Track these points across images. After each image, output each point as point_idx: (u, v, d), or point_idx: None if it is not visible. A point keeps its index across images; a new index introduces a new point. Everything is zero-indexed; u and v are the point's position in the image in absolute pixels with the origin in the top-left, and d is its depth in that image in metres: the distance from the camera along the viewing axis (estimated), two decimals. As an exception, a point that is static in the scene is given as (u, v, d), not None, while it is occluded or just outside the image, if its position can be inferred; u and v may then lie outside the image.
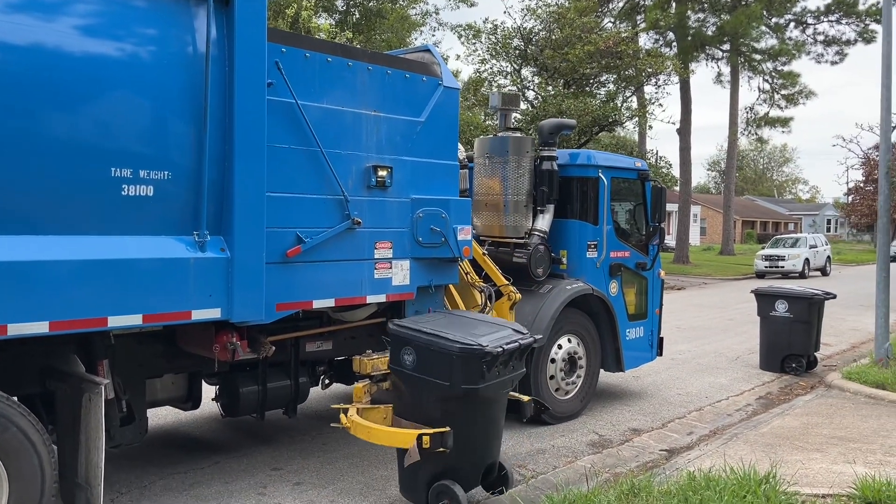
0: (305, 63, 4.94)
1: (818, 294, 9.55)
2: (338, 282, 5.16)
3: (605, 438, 6.62)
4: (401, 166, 5.50)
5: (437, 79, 5.81)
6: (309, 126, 4.88)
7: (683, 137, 31.63)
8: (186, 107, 4.24)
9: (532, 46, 22.40)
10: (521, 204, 7.10)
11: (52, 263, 3.74)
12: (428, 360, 4.41)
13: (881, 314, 9.14)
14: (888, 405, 7.50)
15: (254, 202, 4.51)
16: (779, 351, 9.65)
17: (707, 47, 33.29)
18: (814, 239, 31.03)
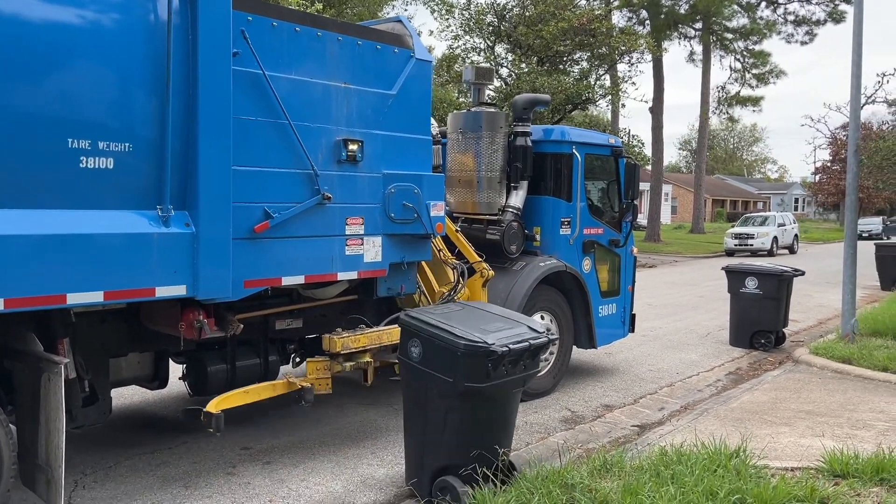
0: (272, 32, 4.78)
1: (787, 271, 9.67)
2: (308, 258, 5.05)
3: (577, 415, 6.63)
4: (372, 140, 5.38)
5: (409, 51, 5.68)
6: (277, 98, 4.73)
7: (656, 116, 31.76)
8: (148, 76, 4.08)
9: (506, 23, 22.18)
10: (495, 180, 7.03)
11: (7, 238, 3.58)
12: (433, 354, 4.27)
13: (848, 290, 9.22)
14: (854, 379, 7.60)
15: (219, 176, 4.38)
16: (748, 327, 9.76)
17: (680, 26, 33.39)
18: (782, 217, 31.48)
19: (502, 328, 4.39)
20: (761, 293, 9.56)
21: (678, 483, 4.10)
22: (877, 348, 8.52)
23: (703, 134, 39.70)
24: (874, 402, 6.59)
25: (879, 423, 5.90)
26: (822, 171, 52.08)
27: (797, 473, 4.57)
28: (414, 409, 4.50)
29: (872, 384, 7.37)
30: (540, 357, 4.62)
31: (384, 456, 5.33)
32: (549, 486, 4.15)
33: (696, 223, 40.60)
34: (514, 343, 4.22)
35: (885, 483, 4.36)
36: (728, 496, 3.95)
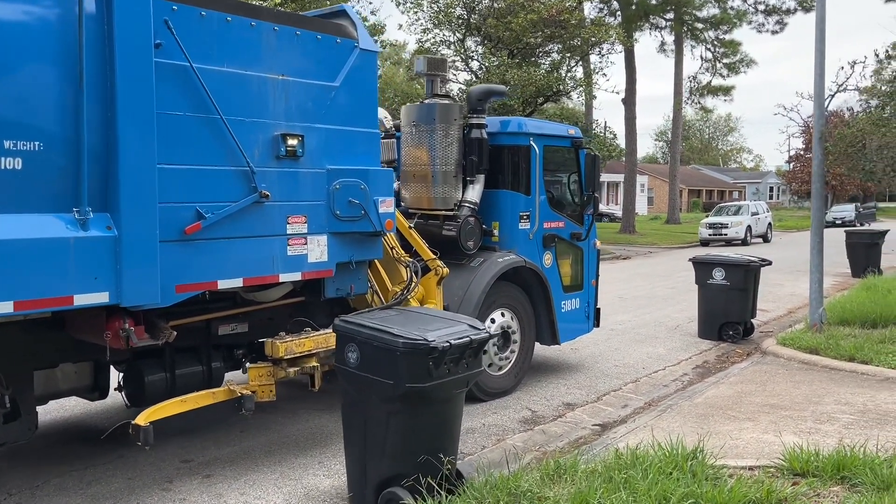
0: (201, 22, 4.51)
1: (754, 261, 9.52)
2: (246, 260, 4.81)
3: (537, 415, 6.43)
4: (314, 134, 5.14)
5: (352, 41, 5.43)
6: (207, 91, 4.47)
7: (629, 107, 31.65)
8: (59, 69, 3.81)
9: (475, 15, 21.90)
10: (450, 174, 6.81)
11: None
12: (371, 357, 4.07)
13: (815, 279, 9.11)
14: (821, 370, 7.50)
15: (143, 175, 4.12)
16: (716, 319, 9.63)
17: (651, 17, 33.29)
18: (755, 206, 31.43)
19: (442, 327, 4.19)
20: (728, 284, 9.43)
21: (630, 488, 3.92)
22: (844, 337, 8.42)
23: (676, 124, 39.72)
24: (839, 394, 6.47)
25: (844, 416, 5.77)
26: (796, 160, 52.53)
27: (756, 473, 4.41)
28: (354, 419, 4.26)
29: (839, 375, 7.27)
30: (482, 354, 4.42)
31: (332, 465, 5.09)
32: (497, 494, 3.95)
33: (671, 213, 40.66)
34: (456, 339, 4.04)
35: (845, 481, 4.20)
36: (681, 501, 3.78)
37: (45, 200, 3.83)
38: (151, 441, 4.27)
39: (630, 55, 31.41)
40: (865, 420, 5.63)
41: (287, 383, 6.20)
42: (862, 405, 6.06)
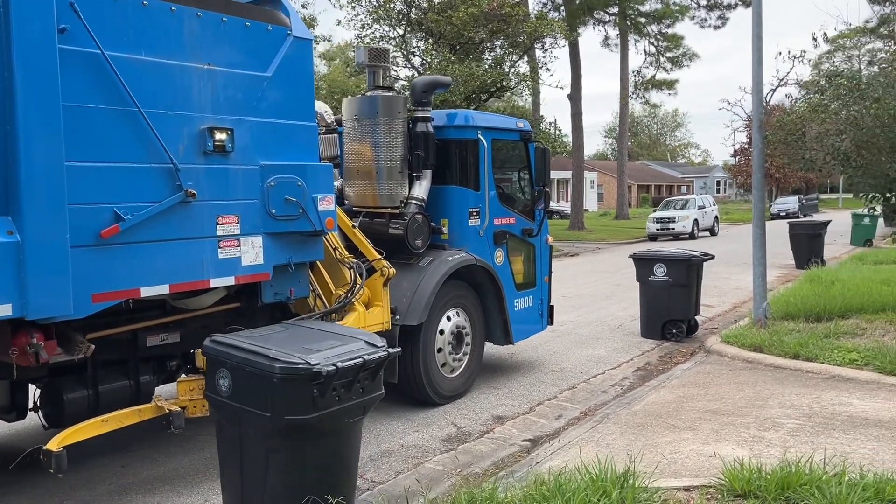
0: (114, 6, 4.13)
1: (696, 256, 9.16)
2: (172, 264, 4.44)
3: (463, 431, 5.90)
4: (245, 128, 4.79)
5: (285, 28, 5.09)
6: (121, 82, 4.09)
7: (575, 103, 31.62)
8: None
9: (416, 10, 21.48)
10: (396, 170, 6.51)
11: None
12: (245, 385, 3.54)
13: (758, 273, 8.86)
14: (765, 369, 7.22)
15: (48, 174, 3.73)
16: (659, 317, 9.29)
17: (595, 11, 33.43)
18: (702, 200, 31.62)
19: (333, 345, 3.75)
20: (670, 280, 9.05)
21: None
22: (788, 333, 8.22)
23: (623, 119, 40.03)
24: (784, 396, 6.15)
25: (789, 422, 5.41)
26: (741, 154, 53.66)
27: (693, 495, 4.03)
28: (229, 456, 3.73)
29: (783, 374, 6.97)
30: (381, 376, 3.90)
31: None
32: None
33: (620, 209, 40.93)
34: (345, 361, 3.54)
35: (790, 502, 3.83)
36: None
37: (-67, 203, 3.42)
38: (64, 468, 3.86)
39: (575, 50, 31.43)
40: (811, 425, 5.32)
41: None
42: (807, 408, 5.76)
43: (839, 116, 8.62)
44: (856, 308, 9.26)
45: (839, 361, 7.04)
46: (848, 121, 8.28)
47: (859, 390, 6.24)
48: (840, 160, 8.77)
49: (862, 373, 6.71)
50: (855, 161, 8.68)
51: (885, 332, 8.20)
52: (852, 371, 6.79)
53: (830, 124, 8.80)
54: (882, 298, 9.50)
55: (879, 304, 9.33)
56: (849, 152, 8.48)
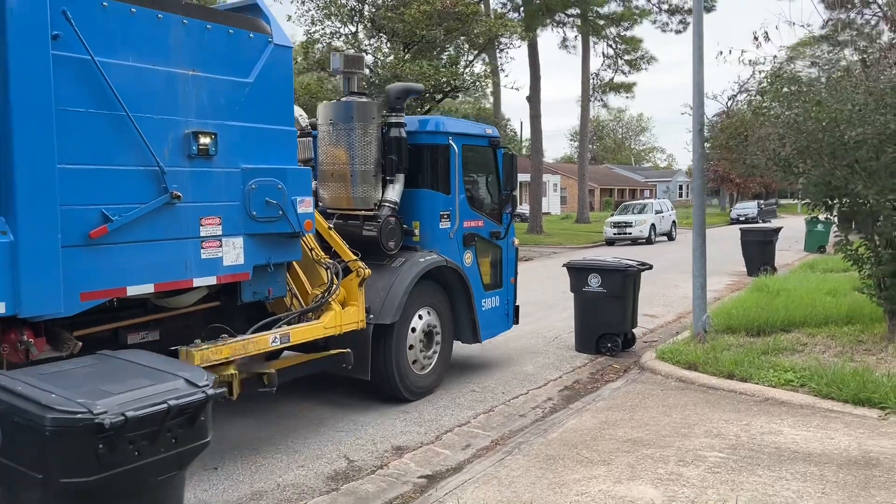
0: (103, 14, 4.26)
1: (632, 266, 8.58)
2: (157, 264, 4.58)
3: (354, 466, 5.24)
4: (227, 132, 4.94)
5: (266, 35, 5.27)
6: (111, 87, 4.22)
7: (533, 105, 31.48)
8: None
9: (368, 6, 20.91)
10: (370, 174, 6.71)
11: None
12: (15, 437, 2.90)
13: (698, 284, 8.33)
14: (697, 390, 6.73)
15: (41, 175, 3.86)
16: (593, 330, 8.66)
17: (555, 13, 32.98)
18: (660, 205, 31.65)
19: (140, 385, 3.13)
20: (605, 291, 8.46)
21: None
22: (727, 348, 7.78)
23: (584, 122, 40.13)
24: (712, 422, 5.72)
25: (712, 455, 5.01)
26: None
27: None
28: None
29: (715, 395, 6.50)
30: (205, 421, 3.27)
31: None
32: None
33: (580, 213, 41.08)
34: (143, 408, 2.92)
35: None
36: None
37: (-70, 204, 3.52)
38: None
39: (534, 51, 31.35)
40: (735, 459, 4.92)
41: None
42: (734, 437, 5.36)
43: (779, 119, 8.04)
44: (799, 321, 8.92)
45: (774, 382, 6.58)
46: (788, 124, 7.77)
47: (792, 416, 5.85)
48: (781, 166, 8.21)
49: (797, 395, 6.29)
50: (796, 167, 8.17)
51: (826, 347, 7.85)
52: (787, 393, 6.36)
53: (771, 128, 8.11)
54: (825, 311, 9.22)
55: (823, 316, 9.03)
56: (790, 158, 7.95)
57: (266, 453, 5.48)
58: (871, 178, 7.38)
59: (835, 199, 8.15)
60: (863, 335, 8.18)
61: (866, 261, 8.07)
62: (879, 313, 8.28)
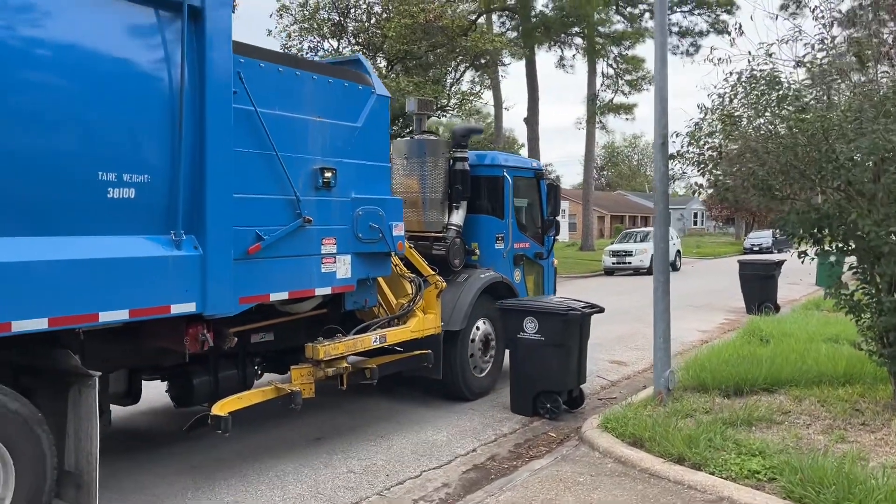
0: (261, 73, 5.31)
1: (574, 309, 6.94)
2: (291, 276, 5.58)
3: None
4: (343, 168, 5.98)
5: (370, 87, 6.33)
6: (266, 131, 5.26)
7: (531, 127, 30.55)
8: (164, 115, 4.53)
9: (352, 21, 20.03)
10: (438, 201, 7.77)
11: (51, 263, 3.96)
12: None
13: (659, 331, 6.87)
14: (635, 478, 5.25)
15: (223, 203, 4.87)
16: (530, 386, 7.06)
17: (552, 31, 31.67)
18: None
19: None
20: (543, 339, 6.87)
21: None
22: (689, 414, 6.32)
23: (590, 146, 38.36)
24: None
25: None
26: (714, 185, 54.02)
27: None
28: None
29: (656, 489, 5.01)
30: None
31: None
32: None
33: (585, 240, 39.62)
34: None
35: None
36: None
37: (150, 224, 4.53)
38: (230, 428, 4.98)
39: (532, 71, 30.51)
40: None
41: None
42: None
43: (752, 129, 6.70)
44: (786, 378, 7.34)
45: (735, 473, 5.04)
46: (764, 136, 6.49)
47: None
48: (759, 189, 6.50)
49: (760, 496, 4.72)
50: (778, 191, 6.56)
51: (813, 419, 6.26)
52: (748, 492, 4.78)
53: (743, 140, 6.71)
54: (820, 366, 7.63)
55: (815, 373, 7.45)
56: (769, 179, 6.37)
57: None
58: (869, 204, 6.05)
59: (825, 231, 6.43)
60: (862, 401, 6.62)
61: (865, 309, 6.46)
62: (883, 373, 6.80)
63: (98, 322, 4.23)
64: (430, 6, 18.92)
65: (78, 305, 4.09)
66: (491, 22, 30.28)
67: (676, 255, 29.10)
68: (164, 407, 6.83)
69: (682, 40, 34.16)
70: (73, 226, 4.10)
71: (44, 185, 3.95)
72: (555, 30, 31.27)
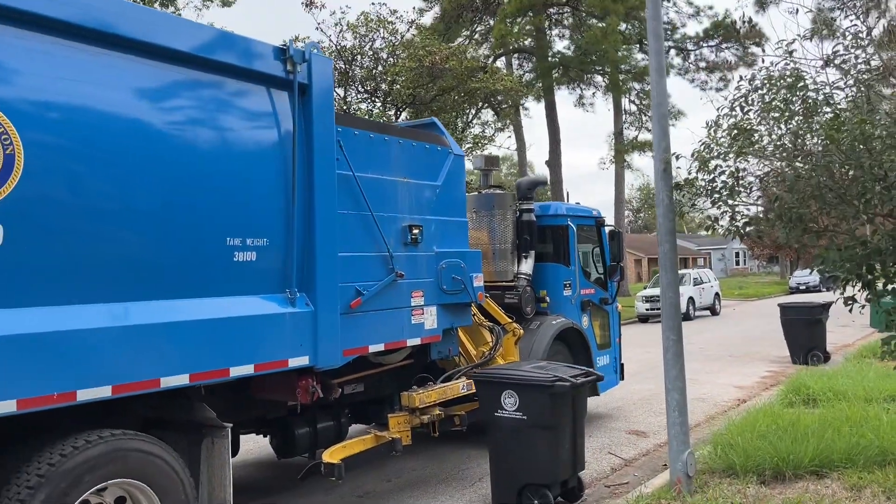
0: (355, 139, 5.72)
1: (563, 379, 5.53)
2: (386, 328, 5.88)
3: None
4: (427, 224, 6.33)
5: (448, 149, 6.74)
6: (363, 193, 5.65)
7: (554, 170, 30.00)
8: (280, 183, 4.93)
9: (359, 68, 19.40)
10: (507, 251, 8.08)
11: (186, 324, 4.31)
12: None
13: (674, 402, 5.70)
14: None
15: (330, 262, 5.22)
16: (513, 478, 5.69)
17: (571, 69, 31.27)
18: (699, 275, 28.19)
19: None
20: (525, 419, 5.58)
21: None
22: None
23: (619, 186, 36.15)
24: None
25: None
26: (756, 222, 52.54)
27: None
28: None
29: None
30: None
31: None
32: None
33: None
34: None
35: None
36: None
37: (269, 284, 4.89)
38: (343, 474, 5.23)
39: (552, 113, 29.91)
40: None
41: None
42: None
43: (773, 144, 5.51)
44: (838, 457, 5.88)
45: None
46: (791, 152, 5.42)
47: None
48: (787, 220, 5.27)
49: None
50: (812, 223, 5.37)
51: None
52: None
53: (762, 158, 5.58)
54: (882, 437, 6.08)
55: (877, 450, 5.90)
56: (798, 207, 5.19)
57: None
58: None
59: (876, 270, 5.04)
60: None
61: None
62: None
63: (229, 377, 4.56)
64: (437, 48, 18.49)
65: (212, 362, 4.42)
66: (511, 65, 30.48)
67: (715, 298, 28.38)
68: (258, 459, 7.11)
69: (711, 76, 33.30)
70: (206, 288, 4.47)
71: (183, 251, 4.34)
72: (573, 68, 30.89)
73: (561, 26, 32.62)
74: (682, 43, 33.60)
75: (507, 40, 28.70)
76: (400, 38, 18.87)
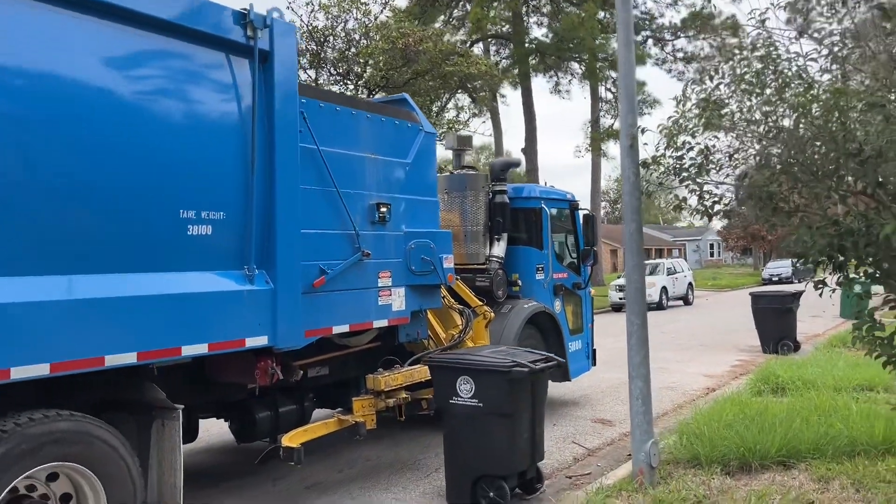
0: (320, 112, 5.49)
1: (521, 365, 5.21)
2: (351, 309, 5.68)
3: None
4: (396, 203, 6.12)
5: (418, 125, 6.52)
6: (328, 169, 5.42)
7: (529, 158, 29.83)
8: (239, 154, 4.69)
9: (331, 49, 19.03)
10: (479, 233, 7.90)
11: (138, 299, 4.08)
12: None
13: (637, 391, 5.48)
14: None
15: (292, 238, 5.00)
16: (467, 468, 5.36)
17: (547, 56, 31.15)
18: (672, 264, 28.35)
19: None
20: (481, 406, 5.25)
21: None
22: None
23: (595, 176, 36.61)
24: None
25: None
26: None
27: None
28: None
29: None
30: None
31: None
32: None
33: (594, 275, 37.72)
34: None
35: None
36: None
37: (225, 260, 4.65)
38: (302, 459, 5.04)
39: (528, 100, 29.82)
40: None
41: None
42: None
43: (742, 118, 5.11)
44: (806, 448, 5.73)
45: None
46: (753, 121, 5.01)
47: None
48: (756, 198, 4.95)
49: None
50: (781, 200, 4.97)
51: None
52: None
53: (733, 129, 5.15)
54: (850, 429, 5.94)
55: (846, 439, 5.79)
56: (768, 185, 4.82)
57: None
58: None
59: (848, 252, 4.61)
60: None
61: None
62: None
63: (181, 356, 4.34)
64: (411, 30, 18.20)
65: (163, 340, 4.20)
66: (489, 52, 30.34)
67: (689, 288, 28.51)
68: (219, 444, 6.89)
69: (688, 66, 33.15)
70: (157, 262, 4.23)
71: (132, 222, 4.09)
72: (550, 54, 30.81)
73: (539, 13, 32.64)
74: (659, 33, 33.69)
75: (484, 24, 28.60)
76: (374, 19, 18.65)
